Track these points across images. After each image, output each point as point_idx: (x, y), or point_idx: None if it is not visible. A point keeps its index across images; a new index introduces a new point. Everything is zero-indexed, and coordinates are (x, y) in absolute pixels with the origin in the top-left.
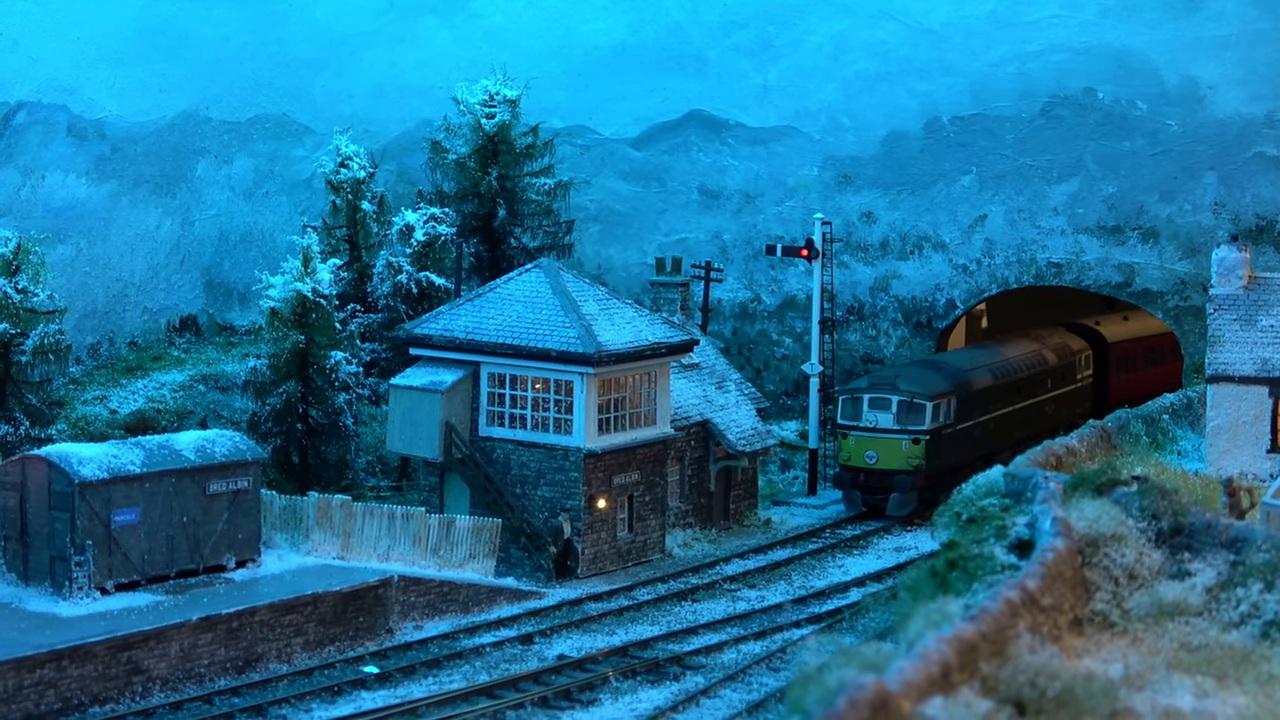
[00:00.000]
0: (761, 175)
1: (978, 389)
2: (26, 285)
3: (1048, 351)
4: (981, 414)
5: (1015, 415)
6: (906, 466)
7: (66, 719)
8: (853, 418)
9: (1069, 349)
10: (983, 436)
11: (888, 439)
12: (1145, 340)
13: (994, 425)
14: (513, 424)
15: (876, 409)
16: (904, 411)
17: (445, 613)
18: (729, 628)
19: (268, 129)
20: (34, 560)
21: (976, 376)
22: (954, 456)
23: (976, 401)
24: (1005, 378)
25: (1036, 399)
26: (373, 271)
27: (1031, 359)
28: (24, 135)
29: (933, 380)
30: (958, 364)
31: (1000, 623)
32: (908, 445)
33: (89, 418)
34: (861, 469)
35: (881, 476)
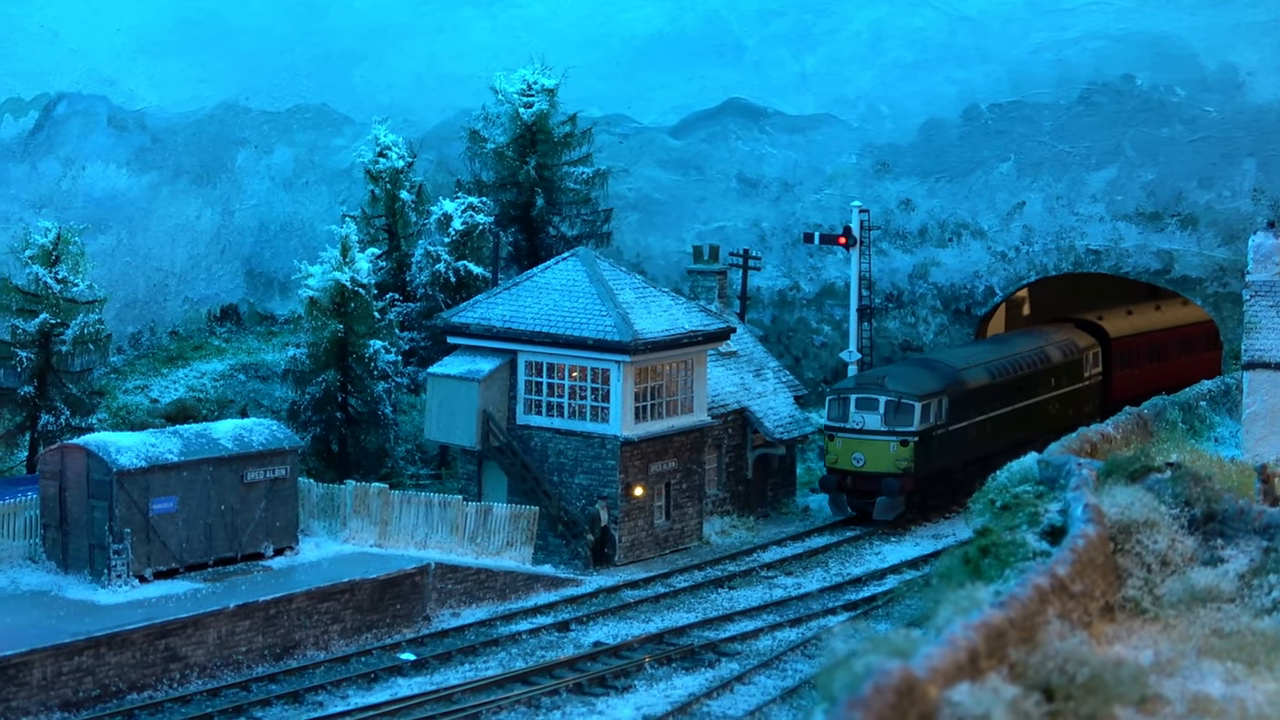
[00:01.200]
0: (800, 163)
1: (972, 388)
2: (66, 275)
3: (1052, 349)
4: (977, 414)
5: (1015, 415)
6: (895, 469)
7: (104, 706)
8: (840, 419)
9: (1075, 346)
10: (979, 438)
11: (875, 441)
12: (1160, 333)
13: (991, 426)
14: (550, 412)
15: (863, 410)
16: (892, 412)
17: (482, 600)
18: (765, 615)
19: (307, 119)
20: (73, 548)
21: (971, 375)
22: (946, 459)
23: (971, 401)
24: (1003, 376)
25: (1039, 398)
26: (411, 261)
27: (1034, 356)
28: (64, 126)
29: (922, 379)
30: (951, 362)
31: (1029, 609)
32: (896, 447)
33: (130, 407)
34: (848, 472)
35: (869, 480)
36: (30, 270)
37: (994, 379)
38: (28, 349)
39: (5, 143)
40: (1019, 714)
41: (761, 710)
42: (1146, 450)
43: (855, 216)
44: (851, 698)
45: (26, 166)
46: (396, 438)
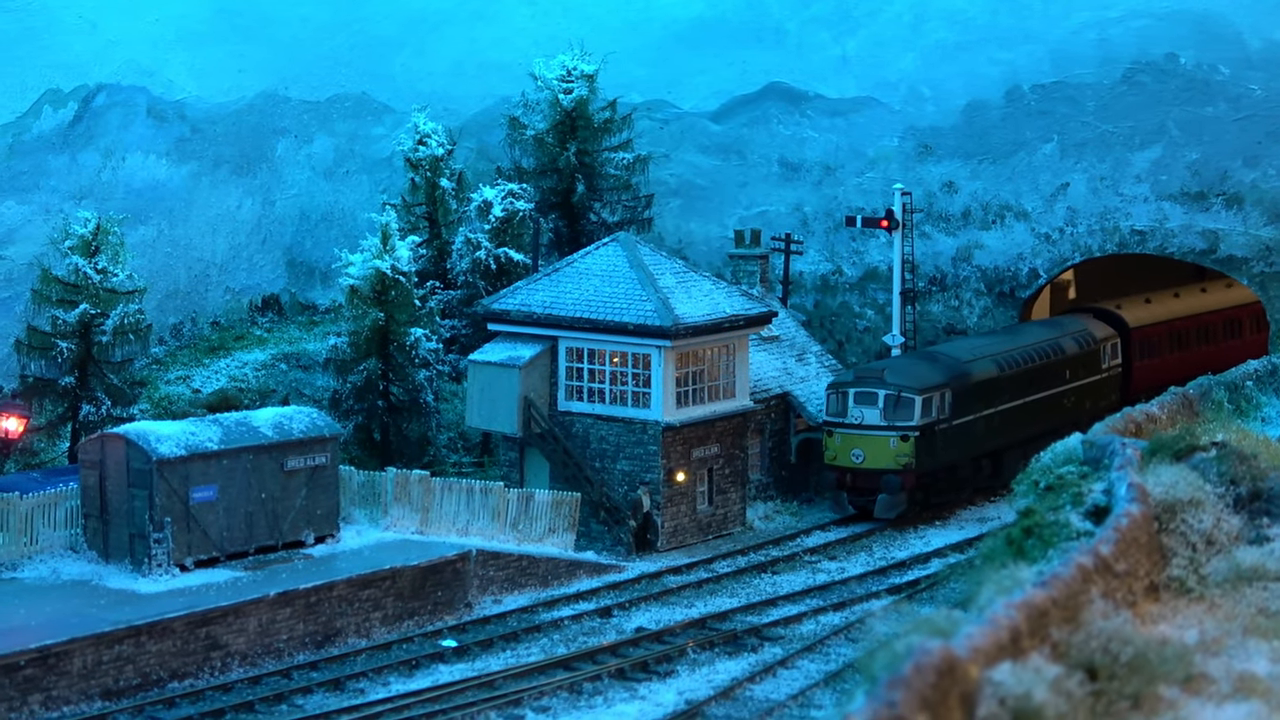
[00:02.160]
0: (841, 147)
1: (978, 381)
2: (106, 265)
3: (1067, 340)
4: (984, 408)
5: (1026, 409)
6: (895, 466)
7: (145, 694)
8: (839, 414)
9: (1091, 336)
10: (986, 432)
11: (874, 436)
12: (1183, 320)
13: (999, 420)
14: (591, 398)
15: (862, 404)
16: (891, 406)
17: (524, 587)
18: (808, 599)
19: (347, 108)
20: (113, 538)
21: (978, 368)
22: (950, 454)
23: (977, 395)
24: (1013, 368)
25: (1052, 391)
26: (452, 248)
27: (1046, 348)
28: (104, 117)
29: (924, 372)
30: (957, 355)
31: (1072, 588)
32: (896, 443)
33: (172, 397)
34: (848, 469)
35: (869, 476)
36: (70, 261)
37: (1002, 371)
38: (68, 340)
39: (45, 134)
40: (1062, 693)
41: (804, 694)
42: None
43: (898, 199)
44: (892, 677)
45: (66, 158)
46: (438, 426)
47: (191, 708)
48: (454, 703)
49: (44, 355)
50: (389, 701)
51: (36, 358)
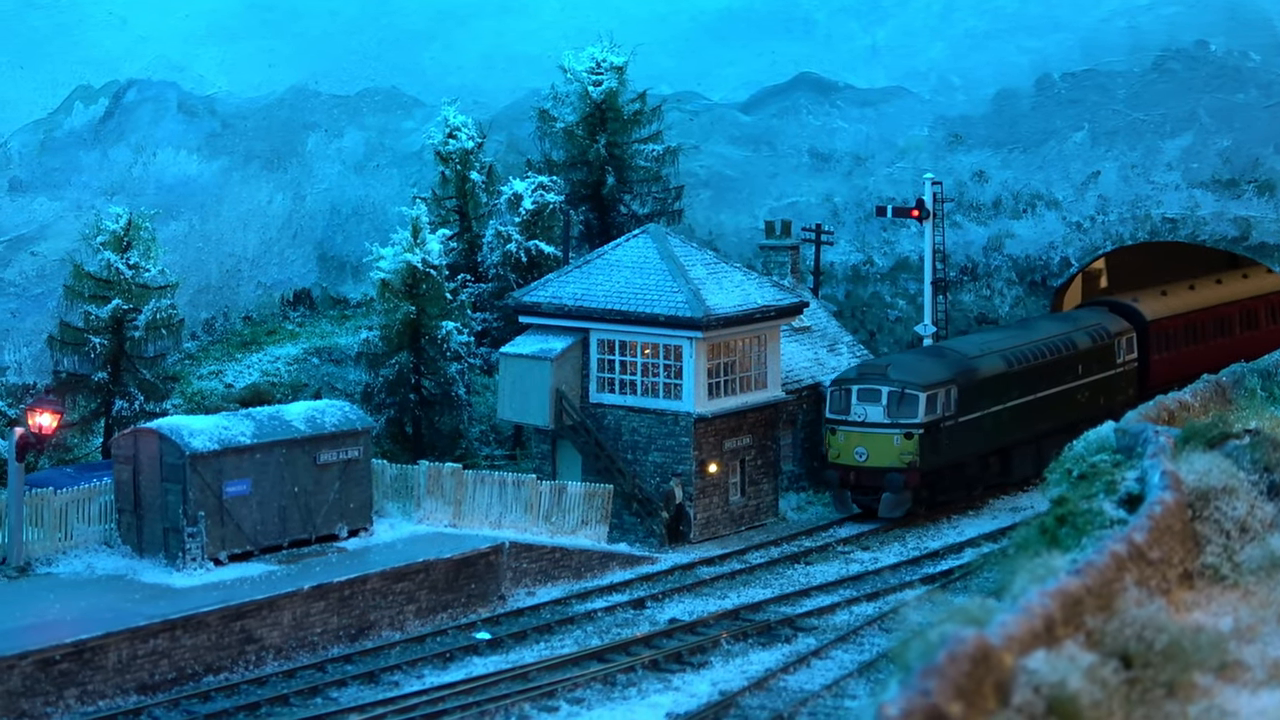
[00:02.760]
0: (871, 137)
1: (985, 377)
2: (138, 261)
3: (1080, 334)
4: (991, 404)
5: (1036, 405)
6: (899, 464)
7: (180, 688)
8: (841, 411)
9: (1105, 331)
10: (994, 429)
11: (878, 434)
12: (1200, 313)
13: (1008, 416)
14: (623, 390)
15: (866, 401)
16: (895, 403)
17: (558, 579)
18: (842, 589)
19: (377, 102)
20: (147, 532)
21: (985, 364)
22: (957, 452)
23: (984, 391)
24: (1023, 364)
25: (1064, 386)
26: (482, 241)
27: (1058, 342)
28: (134, 113)
29: (929, 368)
30: (963, 350)
31: (1106, 576)
32: (900, 440)
33: (204, 392)
34: (851, 467)
35: (872, 475)
36: (102, 256)
37: (1011, 367)
38: (101, 335)
39: (76, 130)
40: (1097, 681)
41: (838, 684)
42: (1225, 417)
43: (928, 189)
44: (926, 666)
45: (98, 154)
46: (470, 419)
47: (226, 701)
48: (488, 695)
49: (77, 351)
50: (423, 694)
51: (69, 354)
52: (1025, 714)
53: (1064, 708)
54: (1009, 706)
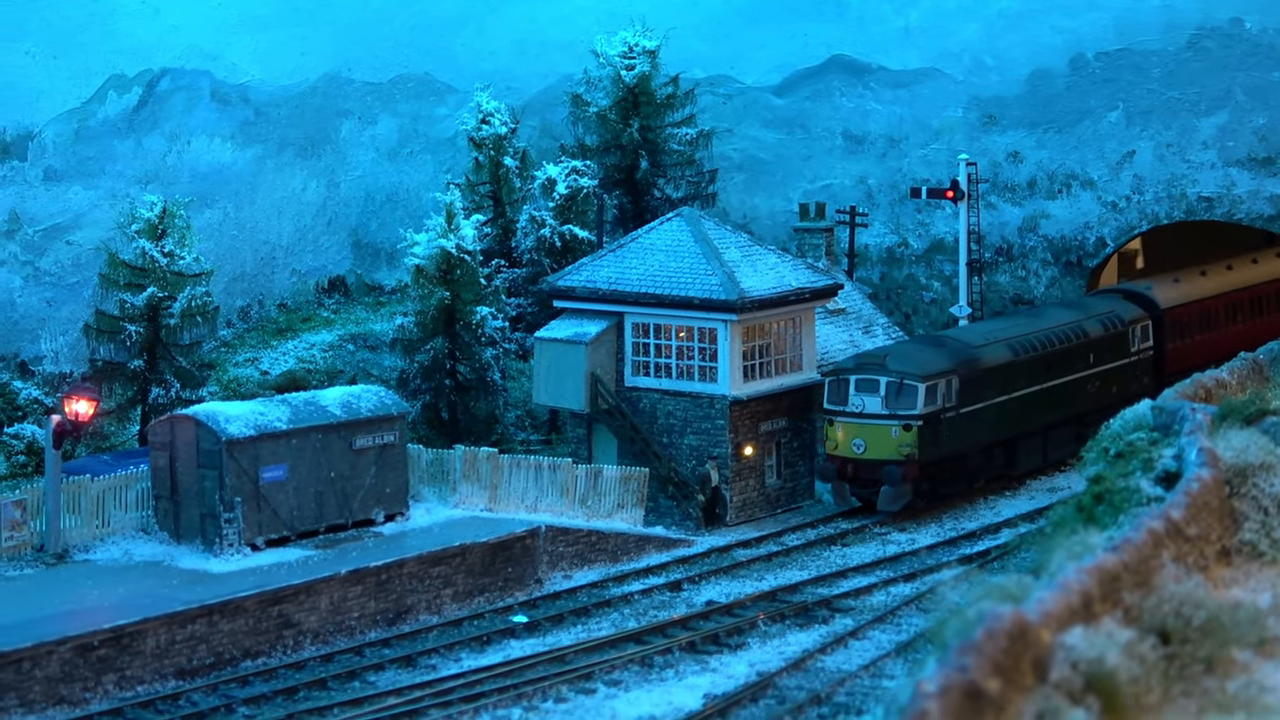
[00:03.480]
0: (905, 118)
1: (989, 367)
2: (173, 249)
3: (1090, 322)
4: (995, 395)
5: (1043, 395)
6: (897, 456)
7: (219, 673)
8: (839, 402)
9: (1118, 319)
10: (999, 420)
11: (875, 425)
12: (1215, 299)
13: (1013, 407)
14: (657, 373)
15: (863, 392)
16: (893, 394)
17: (594, 562)
18: (879, 570)
19: (410, 89)
20: (184, 518)
21: (988, 353)
22: (958, 444)
23: (988, 381)
24: (1029, 353)
25: (1073, 376)
26: (516, 227)
27: (1068, 331)
28: (168, 102)
29: (928, 358)
30: (966, 339)
31: (1144, 553)
32: (898, 432)
33: (240, 379)
34: (849, 459)
35: (870, 467)
36: (137, 245)
37: (1017, 356)
38: (136, 323)
39: (110, 120)
40: (1135, 657)
41: (876, 664)
42: (1262, 394)
43: (962, 170)
44: (964, 643)
45: (132, 143)
46: (506, 404)
47: (265, 685)
48: (525, 677)
49: (112, 339)
50: (460, 677)
51: (105, 342)
52: (1063, 690)
53: (1102, 684)
54: (1047, 683)
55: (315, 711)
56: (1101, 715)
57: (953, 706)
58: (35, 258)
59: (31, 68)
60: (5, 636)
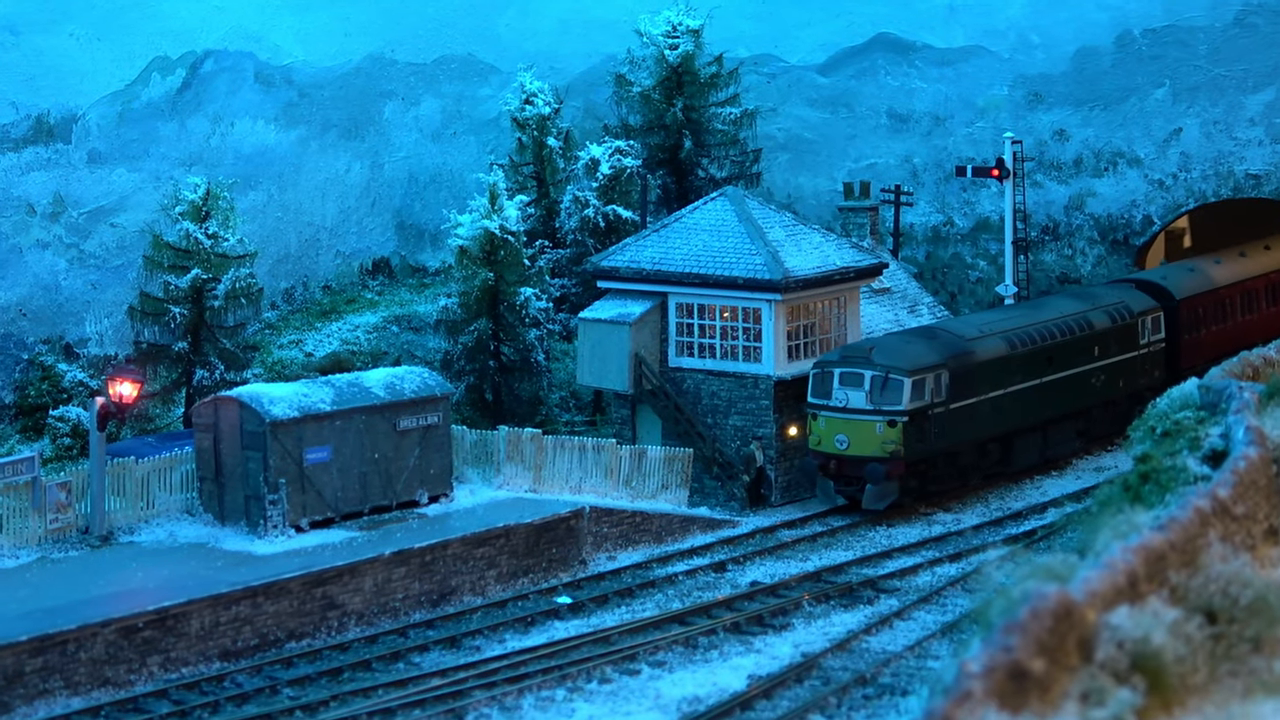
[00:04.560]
0: (950, 97)
1: (983, 360)
2: (216, 230)
3: (1097, 314)
4: (991, 389)
5: (1044, 389)
6: (881, 453)
7: (263, 655)
8: (823, 396)
9: (1128, 310)
10: (994, 416)
11: (860, 421)
12: (1228, 289)
13: (1010, 402)
14: (701, 353)
15: (848, 386)
16: (878, 389)
17: (638, 543)
18: (924, 551)
19: (453, 69)
20: (229, 500)
21: (983, 345)
22: (948, 440)
23: (982, 375)
24: (1027, 346)
25: (1077, 370)
26: (560, 207)
27: (1072, 322)
28: (211, 84)
29: (917, 351)
30: (960, 331)
31: (1190, 532)
32: (883, 428)
33: (285, 361)
34: (833, 455)
35: (854, 464)
36: (181, 226)
37: (1014, 349)
38: (181, 305)
39: (154, 102)
40: (1181, 637)
41: (921, 645)
42: None
43: (1008, 148)
44: (1008, 622)
45: (175, 125)
46: (550, 385)
47: (309, 667)
48: (570, 658)
49: (157, 321)
50: (505, 658)
51: (150, 324)
52: (1108, 670)
53: (1148, 664)
54: (1092, 663)
55: (360, 693)
56: (1147, 695)
57: (997, 686)
58: (80, 240)
59: (75, 50)
60: (50, 619)
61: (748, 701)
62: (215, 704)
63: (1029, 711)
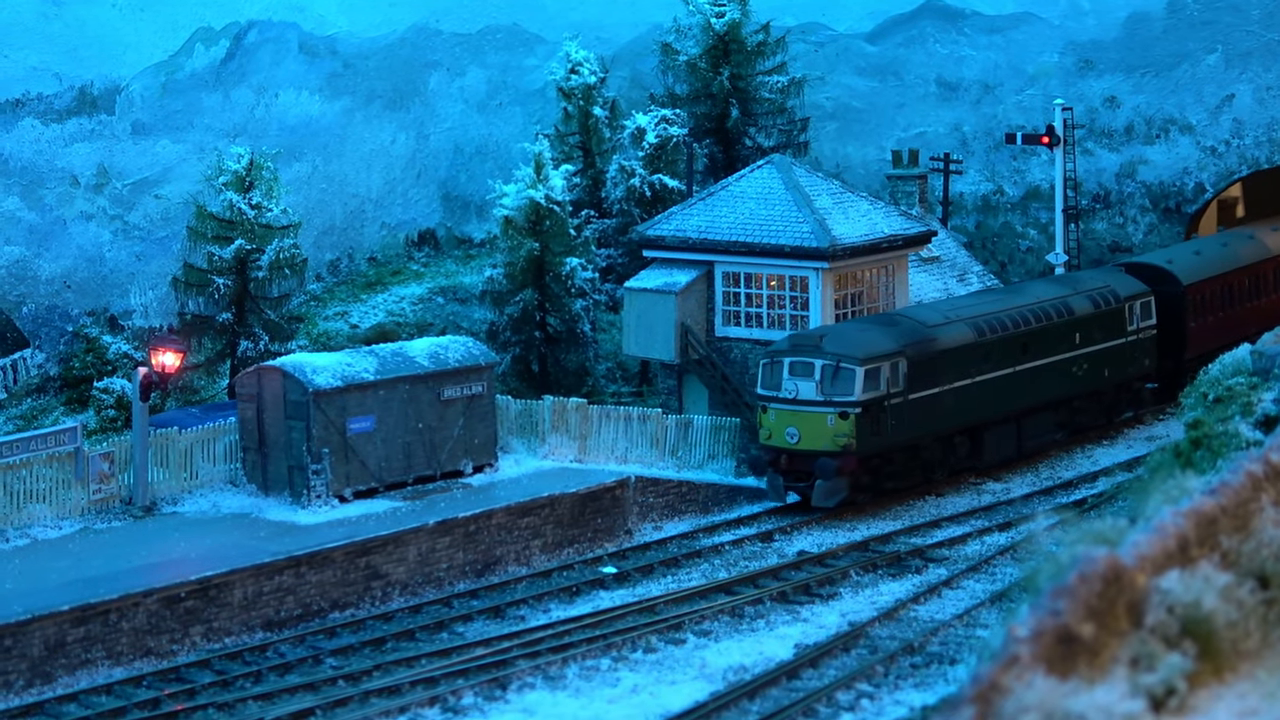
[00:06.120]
0: (1000, 64)
1: (947, 348)
2: (260, 201)
3: (1079, 299)
4: (955, 379)
5: (1016, 379)
6: (832, 447)
7: (306, 625)
8: (772, 387)
9: (1114, 295)
10: (958, 407)
11: (810, 413)
12: (1235, 274)
13: (978, 392)
14: (748, 322)
15: (798, 376)
16: (828, 378)
17: (684, 513)
18: (973, 520)
19: (499, 39)
20: (272, 470)
21: (947, 332)
22: (906, 433)
23: (945, 364)
24: (997, 333)
25: (1055, 358)
26: (606, 177)
27: (1049, 308)
28: (255, 54)
29: (871, 339)
30: (922, 318)
31: (1242, 496)
32: (834, 421)
33: (330, 333)
34: (783, 450)
35: (805, 459)
36: (225, 197)
37: (982, 336)
38: (225, 276)
39: (198, 73)
40: (1232, 601)
41: (970, 614)
42: None
43: (1058, 115)
44: (1057, 587)
45: (219, 96)
46: (596, 355)
47: (352, 637)
48: (614, 628)
49: (201, 292)
50: (549, 628)
51: (194, 295)
52: (1159, 635)
53: (1199, 628)
54: (1142, 627)
55: (403, 662)
56: (1198, 660)
57: (1045, 651)
58: (124, 212)
59: (119, 21)
60: (93, 588)
61: (794, 671)
62: (258, 673)
63: (1078, 676)
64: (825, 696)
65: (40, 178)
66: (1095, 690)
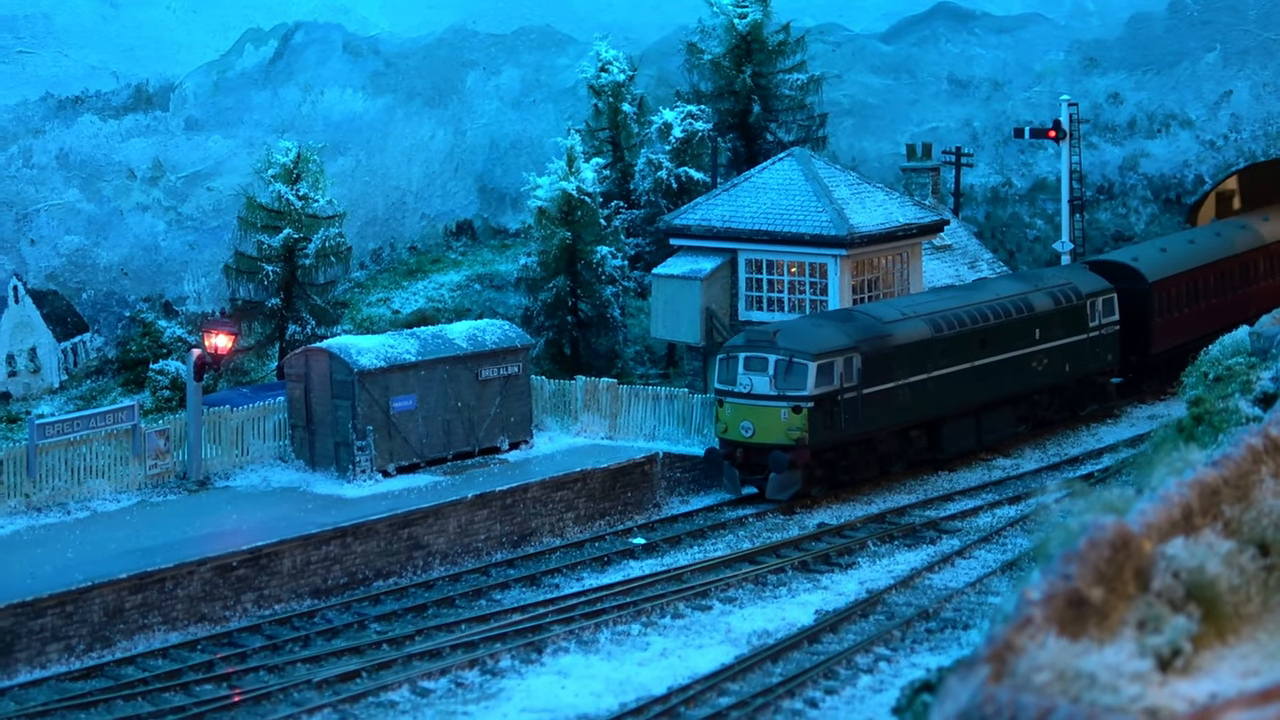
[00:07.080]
0: (1009, 63)
1: (902, 343)
2: (307, 192)
3: (1039, 295)
4: (911, 374)
5: (974, 374)
6: (785, 441)
7: (352, 592)
8: (728, 382)
9: (1074, 292)
10: (914, 401)
11: (764, 407)
12: (1201, 270)
13: (934, 387)
14: (770, 307)
15: (752, 371)
16: (782, 373)
17: (710, 488)
18: (984, 494)
19: (533, 40)
20: (319, 446)
21: (902, 328)
22: (861, 427)
23: (900, 359)
24: (954, 329)
25: (1013, 353)
26: (634, 170)
27: (1008, 304)
28: (302, 54)
29: (824, 335)
30: (877, 314)
31: (1243, 468)
32: (787, 415)
33: (373, 318)
34: (739, 443)
35: (759, 452)
36: (273, 188)
37: (938, 332)
38: (273, 263)
39: (248, 72)
40: (1235, 567)
41: (982, 582)
42: None
43: (1064, 111)
44: (1067, 552)
45: (268, 93)
46: (625, 339)
47: (395, 604)
48: (644, 595)
49: (251, 279)
50: (582, 595)
51: (244, 282)
52: (1165, 599)
53: (1203, 593)
54: (1148, 591)
55: (444, 627)
56: (1202, 623)
57: (1057, 613)
58: (178, 203)
59: (173, 22)
60: (149, 558)
61: (815, 635)
62: (306, 638)
63: (1088, 637)
64: (845, 659)
65: (99, 171)
66: (1105, 650)
